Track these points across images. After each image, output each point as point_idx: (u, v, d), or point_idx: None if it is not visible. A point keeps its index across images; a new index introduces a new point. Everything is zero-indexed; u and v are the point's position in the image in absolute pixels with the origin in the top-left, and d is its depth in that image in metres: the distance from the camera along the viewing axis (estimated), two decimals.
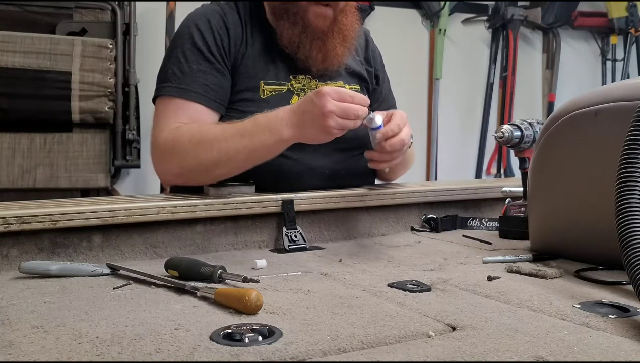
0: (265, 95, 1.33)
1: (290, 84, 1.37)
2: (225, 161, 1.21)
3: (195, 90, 1.29)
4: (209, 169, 1.23)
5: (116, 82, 2.50)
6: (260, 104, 1.32)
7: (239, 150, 1.20)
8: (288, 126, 1.17)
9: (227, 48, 1.33)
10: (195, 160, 1.22)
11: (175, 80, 1.30)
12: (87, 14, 2.57)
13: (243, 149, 1.19)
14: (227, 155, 1.20)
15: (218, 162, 1.21)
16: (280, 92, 1.35)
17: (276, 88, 1.35)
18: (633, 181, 0.80)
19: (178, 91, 1.29)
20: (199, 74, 1.30)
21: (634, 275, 0.74)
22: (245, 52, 1.34)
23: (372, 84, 1.53)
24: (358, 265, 1.09)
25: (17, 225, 1.02)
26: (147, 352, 0.64)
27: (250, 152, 1.20)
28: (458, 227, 1.47)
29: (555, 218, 1.13)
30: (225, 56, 1.32)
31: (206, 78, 1.30)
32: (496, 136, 1.31)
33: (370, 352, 0.65)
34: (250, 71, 1.34)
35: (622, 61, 3.93)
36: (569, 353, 0.64)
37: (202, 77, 1.30)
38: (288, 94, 1.35)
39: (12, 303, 0.83)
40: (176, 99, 1.29)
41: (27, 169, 2.38)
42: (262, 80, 1.34)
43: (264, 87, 1.34)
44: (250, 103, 1.32)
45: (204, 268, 0.93)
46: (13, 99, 2.32)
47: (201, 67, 1.30)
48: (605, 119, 0.98)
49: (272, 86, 1.34)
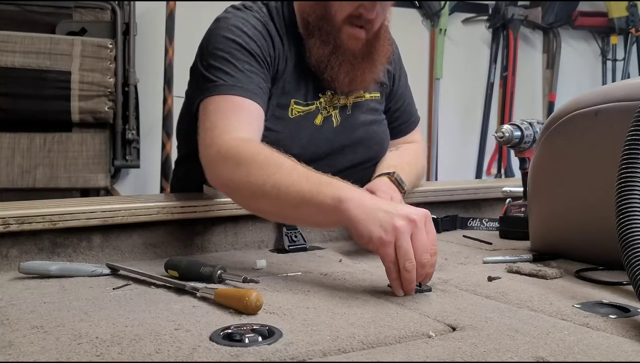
0: (293, 114, 1.28)
1: (318, 102, 1.31)
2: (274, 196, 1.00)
3: (253, 90, 1.18)
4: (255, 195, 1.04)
5: (116, 82, 2.50)
6: (288, 124, 1.27)
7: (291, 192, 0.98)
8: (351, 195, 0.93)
9: (272, 58, 1.25)
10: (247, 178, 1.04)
11: (229, 79, 1.18)
12: (87, 13, 2.57)
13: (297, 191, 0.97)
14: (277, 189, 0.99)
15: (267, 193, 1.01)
16: (309, 112, 1.30)
17: (304, 108, 1.30)
18: (633, 181, 0.80)
19: (234, 89, 1.17)
20: (253, 75, 1.20)
21: (634, 275, 0.74)
22: (285, 68, 1.28)
23: (390, 85, 1.48)
24: (358, 265, 1.09)
25: (17, 225, 1.02)
26: (147, 352, 0.64)
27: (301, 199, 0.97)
28: (458, 227, 1.47)
29: (555, 219, 1.13)
30: (271, 65, 1.25)
31: (259, 81, 1.21)
32: (496, 136, 1.31)
33: (370, 352, 0.65)
34: (284, 87, 1.28)
35: (622, 61, 3.93)
36: (569, 354, 0.64)
37: (256, 78, 1.20)
38: (314, 114, 1.31)
39: (12, 303, 0.83)
40: (233, 97, 1.16)
41: (27, 169, 2.38)
42: (294, 98, 1.28)
43: (293, 106, 1.28)
44: (277, 121, 1.26)
45: (204, 269, 0.93)
46: (13, 99, 2.32)
47: (254, 69, 1.21)
48: (606, 119, 0.98)
49: (300, 107, 1.29)
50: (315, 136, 1.30)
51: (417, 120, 1.57)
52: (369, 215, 0.88)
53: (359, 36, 1.26)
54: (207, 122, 1.15)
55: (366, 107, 1.39)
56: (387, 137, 1.46)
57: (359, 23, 1.25)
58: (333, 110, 1.33)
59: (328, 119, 1.32)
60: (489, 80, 3.83)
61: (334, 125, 1.33)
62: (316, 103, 1.30)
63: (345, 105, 1.35)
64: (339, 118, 1.34)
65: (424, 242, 0.86)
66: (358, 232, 0.89)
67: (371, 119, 1.40)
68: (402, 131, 1.52)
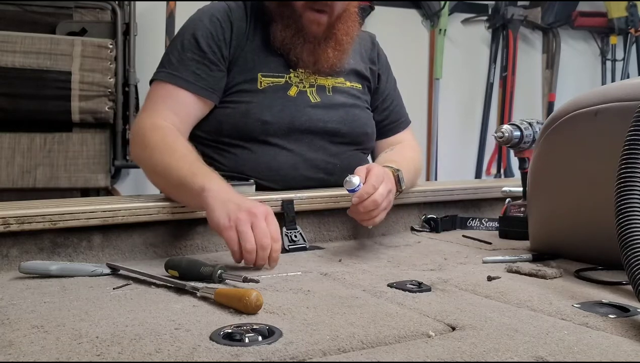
0: (262, 86, 1.35)
1: (288, 76, 1.38)
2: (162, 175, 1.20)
3: (186, 77, 1.32)
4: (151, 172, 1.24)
5: (116, 82, 2.50)
6: (257, 94, 1.34)
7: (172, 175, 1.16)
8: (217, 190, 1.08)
9: (228, 41, 1.35)
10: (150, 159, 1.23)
11: (169, 67, 1.33)
12: (87, 14, 2.57)
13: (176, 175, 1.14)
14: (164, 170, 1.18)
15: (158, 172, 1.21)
16: (278, 84, 1.37)
17: (274, 80, 1.37)
18: (633, 181, 0.80)
19: (170, 77, 1.32)
20: (192, 63, 1.33)
21: (634, 275, 0.74)
22: (245, 46, 1.37)
23: (375, 83, 1.53)
24: (358, 265, 1.09)
25: (17, 225, 1.02)
26: (147, 352, 0.64)
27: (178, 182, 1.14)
28: (458, 227, 1.47)
29: (555, 219, 1.13)
30: (224, 48, 1.35)
31: (198, 67, 1.33)
32: (496, 136, 1.31)
33: (370, 352, 0.65)
34: (248, 63, 1.36)
35: (622, 61, 3.93)
36: (568, 353, 0.64)
37: (194, 65, 1.32)
38: (286, 85, 1.37)
39: (12, 303, 0.83)
40: (167, 84, 1.32)
41: (27, 169, 2.38)
42: (260, 72, 1.36)
43: (262, 79, 1.36)
44: (246, 94, 1.35)
45: (204, 268, 0.93)
46: (13, 99, 2.32)
47: (195, 57, 1.33)
48: (605, 119, 0.98)
49: (270, 78, 1.36)
50: (289, 106, 1.36)
51: (407, 121, 1.62)
52: (221, 206, 1.03)
53: (320, 21, 1.34)
54: (145, 103, 1.35)
55: (348, 93, 1.45)
56: (372, 126, 1.50)
57: (319, 7, 1.33)
58: (310, 87, 1.39)
59: (303, 94, 1.38)
60: (489, 80, 3.83)
61: (312, 100, 1.38)
62: (286, 77, 1.38)
63: (324, 87, 1.41)
64: (319, 97, 1.40)
65: (263, 228, 1.00)
66: (209, 217, 1.05)
67: (352, 102, 1.45)
68: (392, 130, 1.57)
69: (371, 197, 1.09)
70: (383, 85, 1.55)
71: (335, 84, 1.43)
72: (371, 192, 1.09)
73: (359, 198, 1.09)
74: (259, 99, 1.34)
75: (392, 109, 1.57)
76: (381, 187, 1.11)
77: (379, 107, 1.54)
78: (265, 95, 1.34)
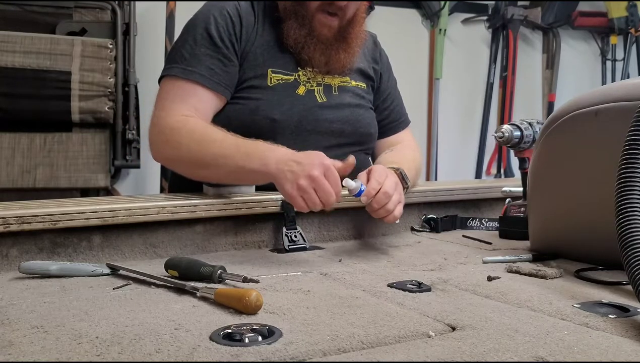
0: (272, 83, 1.35)
1: (297, 75, 1.38)
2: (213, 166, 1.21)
3: (201, 72, 1.31)
4: (198, 167, 1.24)
5: (116, 82, 2.50)
6: (267, 91, 1.34)
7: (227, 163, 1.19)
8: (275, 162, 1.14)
9: (239, 35, 1.35)
10: (189, 154, 1.24)
11: (182, 62, 1.32)
12: (87, 13, 2.57)
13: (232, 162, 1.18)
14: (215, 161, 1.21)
15: (207, 164, 1.22)
16: (287, 81, 1.37)
17: (283, 77, 1.37)
18: (633, 181, 0.80)
19: (184, 72, 1.31)
20: (206, 58, 1.32)
21: (634, 275, 0.74)
22: (255, 41, 1.37)
23: (377, 83, 1.54)
24: (358, 265, 1.09)
25: (17, 225, 1.02)
26: (147, 352, 0.64)
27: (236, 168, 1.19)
28: (458, 227, 1.47)
29: (555, 219, 1.13)
30: (236, 43, 1.35)
31: (212, 62, 1.32)
32: (496, 136, 1.31)
33: (370, 352, 0.65)
34: (258, 59, 1.36)
35: (622, 61, 3.93)
36: (568, 353, 0.64)
37: (209, 60, 1.32)
38: (295, 83, 1.38)
39: (12, 303, 0.83)
40: (182, 80, 1.31)
41: (27, 169, 2.38)
42: (270, 68, 1.36)
43: (271, 75, 1.36)
44: (256, 90, 1.35)
45: (204, 268, 0.93)
46: (13, 99, 2.32)
47: (209, 52, 1.32)
48: (605, 119, 0.98)
49: (279, 75, 1.36)
50: (298, 105, 1.36)
51: (407, 121, 1.63)
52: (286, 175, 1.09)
53: (331, 24, 1.35)
54: (158, 102, 1.33)
55: (353, 92, 1.46)
56: (375, 127, 1.51)
57: (331, 10, 1.33)
58: (317, 86, 1.40)
59: (311, 93, 1.39)
60: (489, 80, 3.83)
61: (318, 100, 1.39)
62: (295, 75, 1.38)
63: (330, 86, 1.41)
64: (325, 97, 1.40)
65: (325, 189, 1.06)
66: (280, 189, 1.11)
67: (357, 102, 1.46)
68: (392, 129, 1.58)
69: (380, 190, 1.11)
70: (384, 84, 1.56)
71: (342, 83, 1.44)
72: (377, 187, 1.11)
73: (367, 196, 1.11)
74: (268, 96, 1.34)
75: (393, 109, 1.57)
76: (387, 181, 1.13)
77: (379, 106, 1.54)
78: (274, 93, 1.34)
